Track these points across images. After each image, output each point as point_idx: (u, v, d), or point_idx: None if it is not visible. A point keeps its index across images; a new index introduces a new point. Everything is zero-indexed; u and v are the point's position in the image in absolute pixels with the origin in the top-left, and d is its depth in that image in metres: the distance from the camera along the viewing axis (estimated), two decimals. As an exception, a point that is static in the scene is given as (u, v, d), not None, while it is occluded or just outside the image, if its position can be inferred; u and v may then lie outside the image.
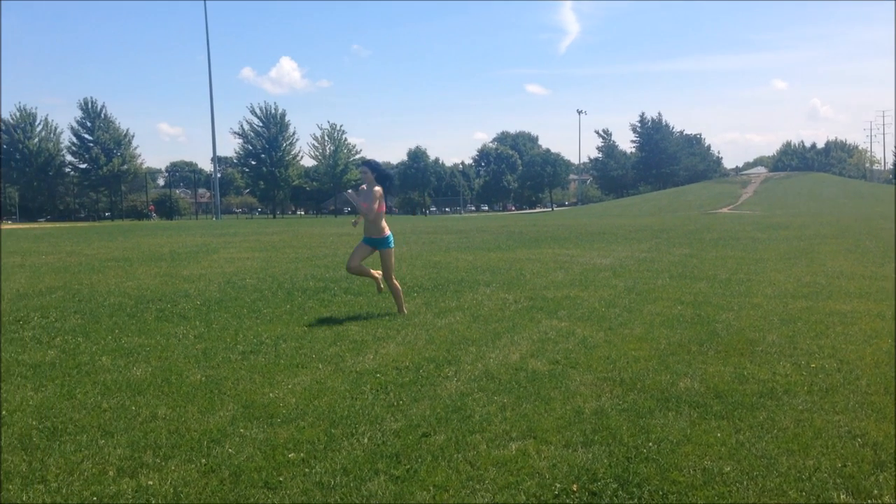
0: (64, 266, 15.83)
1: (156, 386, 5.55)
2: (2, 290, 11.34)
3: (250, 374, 5.91)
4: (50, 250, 21.34)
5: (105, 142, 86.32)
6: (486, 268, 14.05)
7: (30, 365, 6.28)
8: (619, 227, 31.89)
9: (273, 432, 4.49)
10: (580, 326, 7.77)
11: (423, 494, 3.61)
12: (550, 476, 3.81)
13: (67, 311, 9.15)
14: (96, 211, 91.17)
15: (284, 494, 3.61)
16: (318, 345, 6.98)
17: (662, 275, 12.44)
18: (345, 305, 9.40)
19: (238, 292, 10.78)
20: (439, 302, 9.59)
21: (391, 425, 4.60)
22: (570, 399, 5.13)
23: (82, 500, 3.54)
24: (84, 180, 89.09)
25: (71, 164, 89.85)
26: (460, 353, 6.58)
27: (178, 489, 3.66)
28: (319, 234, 30.10)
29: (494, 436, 4.40)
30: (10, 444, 4.31)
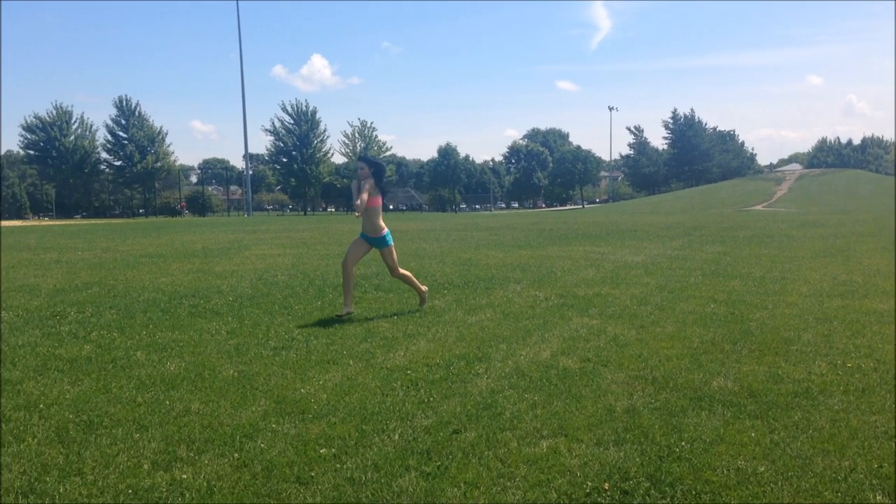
0: (99, 262, 16.06)
1: (189, 381, 5.61)
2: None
3: (282, 369, 5.95)
4: (86, 246, 21.67)
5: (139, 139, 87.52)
6: (517, 265, 14.02)
7: (67, 359, 6.37)
8: (650, 224, 31.65)
9: (305, 428, 4.52)
10: (611, 324, 7.72)
11: (454, 491, 3.61)
12: (581, 474, 3.79)
13: (103, 307, 9.27)
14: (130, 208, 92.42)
15: (316, 490, 3.62)
16: (349, 341, 7.01)
17: (695, 272, 12.33)
18: (375, 302, 9.42)
19: (269, 289, 10.86)
20: (469, 299, 9.59)
21: (422, 422, 4.61)
22: (601, 397, 5.11)
23: (118, 492, 3.59)
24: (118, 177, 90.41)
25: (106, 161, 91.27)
26: (491, 350, 6.57)
27: (212, 483, 3.70)
28: (350, 230, 30.22)
29: (525, 433, 4.38)
30: (47, 438, 4.38)
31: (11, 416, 4.78)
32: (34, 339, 7.25)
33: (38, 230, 37.78)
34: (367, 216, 8.35)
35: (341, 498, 3.55)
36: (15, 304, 9.52)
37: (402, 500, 3.52)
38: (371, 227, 8.44)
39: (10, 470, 3.87)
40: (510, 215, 64.09)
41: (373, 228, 8.44)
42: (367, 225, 8.46)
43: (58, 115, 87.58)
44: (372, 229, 8.45)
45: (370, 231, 8.47)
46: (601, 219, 41.74)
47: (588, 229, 27.72)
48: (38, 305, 9.44)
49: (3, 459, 4.01)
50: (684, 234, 24.07)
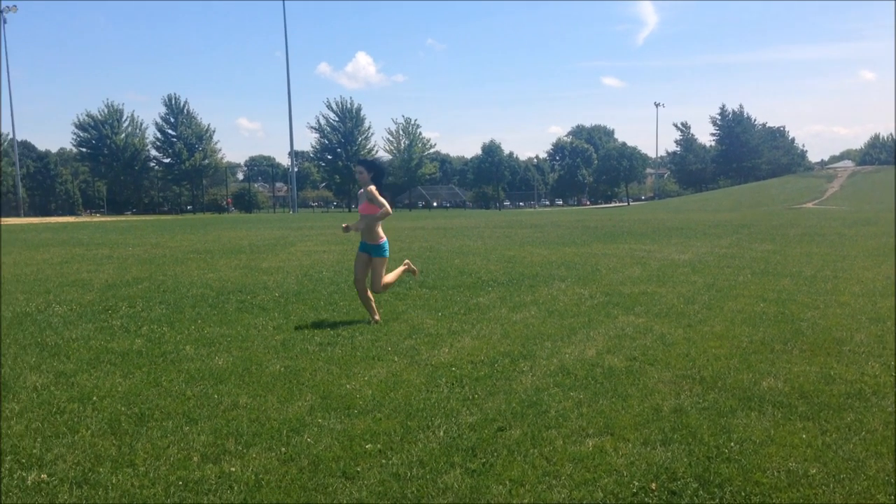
0: (149, 257, 16.35)
1: (237, 375, 5.69)
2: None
3: (327, 365, 6.00)
4: (136, 242, 22.09)
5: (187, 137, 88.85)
6: (561, 262, 13.94)
7: (118, 353, 6.50)
8: (697, 222, 31.25)
9: (350, 423, 4.55)
10: (658, 323, 7.64)
11: (499, 489, 3.60)
12: (628, 474, 3.76)
13: (153, 302, 9.44)
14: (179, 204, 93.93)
15: (362, 485, 3.65)
16: (394, 338, 7.04)
17: (744, 271, 12.14)
18: (419, 299, 9.45)
19: (315, 285, 10.95)
20: (514, 296, 9.56)
21: (467, 419, 4.61)
22: (647, 396, 5.05)
23: (168, 484, 3.65)
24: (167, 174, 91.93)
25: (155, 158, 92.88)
26: (535, 347, 6.55)
27: (259, 476, 3.74)
28: (394, 227, 30.35)
29: (571, 432, 4.36)
30: (100, 429, 4.47)
31: (66, 407, 4.90)
32: (87, 333, 7.41)
33: (90, 226, 38.61)
34: (370, 224, 7.91)
35: (387, 493, 3.56)
36: (69, 299, 9.74)
37: (447, 497, 3.53)
38: (370, 236, 7.98)
39: (65, 460, 3.96)
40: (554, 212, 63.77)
41: (372, 236, 7.97)
42: (366, 233, 8.00)
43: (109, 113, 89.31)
44: (372, 237, 7.98)
45: (369, 239, 8.00)
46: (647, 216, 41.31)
47: (633, 227, 27.45)
48: (90, 300, 9.65)
49: (58, 450, 4.11)
50: (732, 231, 23.70)
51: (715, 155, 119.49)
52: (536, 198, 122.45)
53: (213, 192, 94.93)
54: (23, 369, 5.93)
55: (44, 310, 8.87)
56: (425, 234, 24.99)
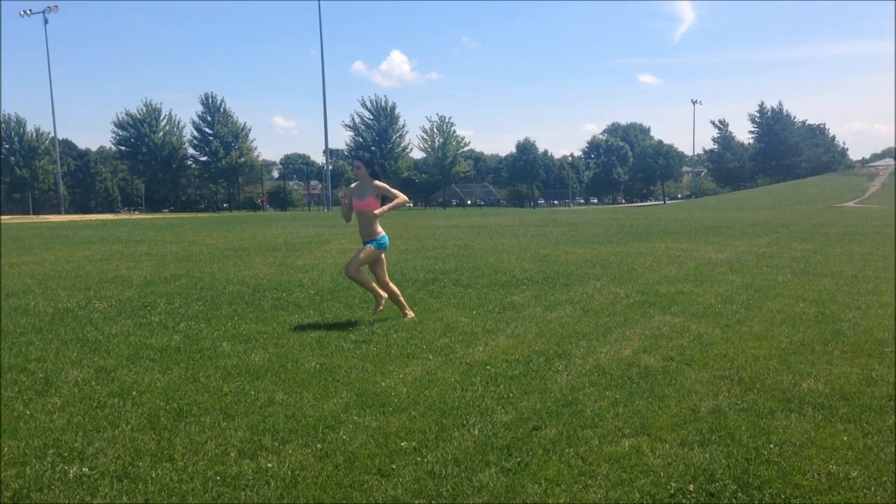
0: (186, 255, 16.55)
1: (273, 372, 5.73)
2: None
3: (362, 362, 6.02)
4: (173, 239, 22.37)
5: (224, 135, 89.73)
6: (596, 261, 13.86)
7: (157, 349, 6.59)
8: (735, 220, 30.85)
9: (385, 420, 4.56)
10: (695, 323, 7.56)
11: (535, 488, 3.59)
12: (665, 475, 3.72)
13: (190, 298, 9.55)
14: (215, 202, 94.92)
15: (397, 482, 3.66)
16: (429, 336, 7.05)
17: (783, 271, 11.97)
18: (454, 297, 9.45)
19: (350, 282, 10.97)
20: (549, 295, 9.52)
21: (502, 417, 4.60)
22: (685, 397, 5.00)
23: (206, 479, 3.69)
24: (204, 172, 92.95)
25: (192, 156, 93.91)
26: (570, 346, 6.52)
27: (296, 472, 3.77)
28: (428, 225, 30.39)
29: (606, 432, 4.33)
30: (140, 424, 4.53)
31: (106, 402, 4.97)
32: (127, 329, 7.52)
33: (129, 223, 39.18)
34: (366, 219, 7.79)
35: (422, 491, 3.57)
36: (108, 295, 9.89)
37: (482, 495, 3.52)
38: (368, 232, 7.85)
39: (106, 454, 4.02)
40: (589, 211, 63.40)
41: (370, 232, 7.85)
42: (365, 229, 7.87)
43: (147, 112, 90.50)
44: (369, 233, 7.85)
45: (366, 235, 7.87)
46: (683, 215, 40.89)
47: (670, 225, 27.19)
48: (129, 296, 9.79)
49: (99, 444, 4.17)
50: (771, 230, 23.38)
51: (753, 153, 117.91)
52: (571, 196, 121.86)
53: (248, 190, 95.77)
54: (64, 364, 6.03)
55: (84, 306, 9.02)
56: (459, 232, 24.99)
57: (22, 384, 5.44)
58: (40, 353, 6.47)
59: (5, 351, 6.56)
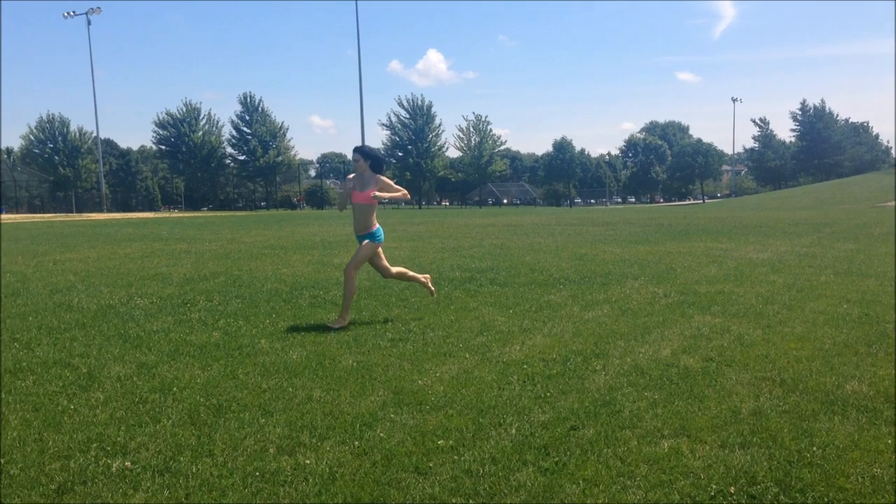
0: (225, 253, 16.74)
1: (311, 369, 5.76)
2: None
3: (399, 360, 6.04)
4: (212, 237, 22.64)
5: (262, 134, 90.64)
6: (634, 260, 13.74)
7: (197, 345, 6.67)
8: (776, 220, 30.42)
9: (422, 419, 4.57)
10: (735, 323, 7.45)
11: (573, 488, 3.56)
12: (706, 476, 3.68)
13: (229, 296, 9.65)
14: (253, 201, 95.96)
15: (434, 480, 3.65)
16: (465, 334, 7.04)
17: (826, 271, 11.76)
18: (490, 296, 9.43)
19: (386, 281, 11.01)
20: (586, 294, 9.46)
21: (539, 417, 4.58)
22: (725, 398, 4.94)
23: (246, 474, 3.73)
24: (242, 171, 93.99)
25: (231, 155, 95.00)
26: (608, 346, 6.47)
27: (333, 469, 3.78)
28: (465, 224, 30.40)
29: (645, 432, 4.29)
30: (181, 419, 4.59)
31: (148, 397, 5.04)
32: (167, 326, 7.61)
33: (169, 221, 39.74)
34: (363, 212, 7.67)
35: (459, 489, 3.56)
36: (149, 292, 10.04)
37: (519, 495, 3.51)
38: (363, 225, 7.74)
39: (147, 449, 4.08)
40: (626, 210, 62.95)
41: (365, 225, 7.73)
42: (360, 222, 7.74)
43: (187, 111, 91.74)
44: (364, 226, 7.74)
45: (361, 228, 7.77)
46: (723, 214, 40.40)
47: (709, 225, 26.88)
48: (170, 294, 9.92)
49: (141, 439, 4.23)
50: (814, 230, 23.00)
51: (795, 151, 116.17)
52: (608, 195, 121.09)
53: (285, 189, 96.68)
54: (107, 360, 6.13)
55: (126, 302, 9.16)
56: (496, 231, 24.96)
57: (66, 379, 5.54)
58: (84, 348, 6.59)
59: (50, 346, 6.68)
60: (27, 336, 7.13)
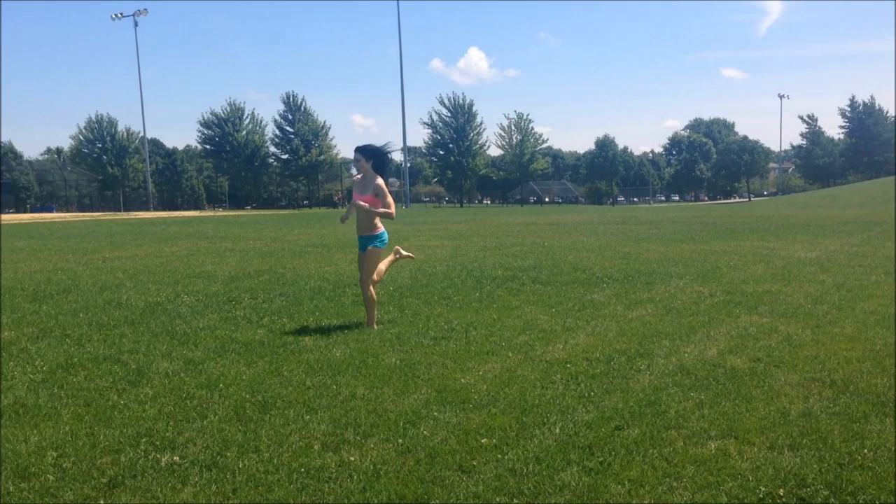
0: (269, 251, 16.91)
1: (354, 367, 5.80)
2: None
3: (442, 359, 6.04)
4: (256, 236, 22.89)
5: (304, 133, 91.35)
6: (679, 259, 13.58)
7: (242, 342, 6.75)
8: (825, 218, 29.83)
9: (465, 417, 4.57)
10: (783, 323, 7.33)
11: (618, 488, 3.53)
12: (754, 478, 3.62)
13: (273, 294, 9.75)
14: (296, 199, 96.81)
15: (478, 479, 3.65)
16: (508, 333, 7.02)
17: (877, 270, 11.50)
18: (533, 295, 9.39)
19: (428, 279, 11.05)
20: (629, 293, 9.37)
21: (583, 416, 4.55)
22: (773, 399, 4.86)
23: (291, 470, 3.76)
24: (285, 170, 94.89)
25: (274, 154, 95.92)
26: (653, 346, 6.40)
27: (378, 466, 3.80)
28: (506, 223, 30.33)
29: (692, 433, 4.24)
30: (227, 415, 4.65)
31: (195, 393, 5.12)
32: (213, 323, 7.72)
33: (214, 220, 40.27)
34: (366, 213, 7.42)
35: (503, 488, 3.55)
36: (195, 290, 10.18)
37: (564, 494, 3.49)
38: (367, 226, 7.49)
39: (195, 444, 4.14)
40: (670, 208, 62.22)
41: (368, 227, 7.48)
42: (363, 223, 7.49)
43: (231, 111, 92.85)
44: (367, 228, 7.49)
45: (364, 230, 7.49)
46: (770, 212, 39.76)
47: (755, 223, 26.47)
48: (215, 291, 10.05)
49: (189, 434, 4.30)
50: (864, 228, 22.50)
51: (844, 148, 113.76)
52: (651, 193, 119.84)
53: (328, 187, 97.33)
54: (155, 356, 6.24)
55: (173, 300, 9.31)
56: (537, 229, 24.86)
57: (116, 375, 5.65)
58: (133, 344, 6.71)
59: (100, 342, 6.82)
60: (78, 332, 7.28)
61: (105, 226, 34.36)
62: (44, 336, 7.16)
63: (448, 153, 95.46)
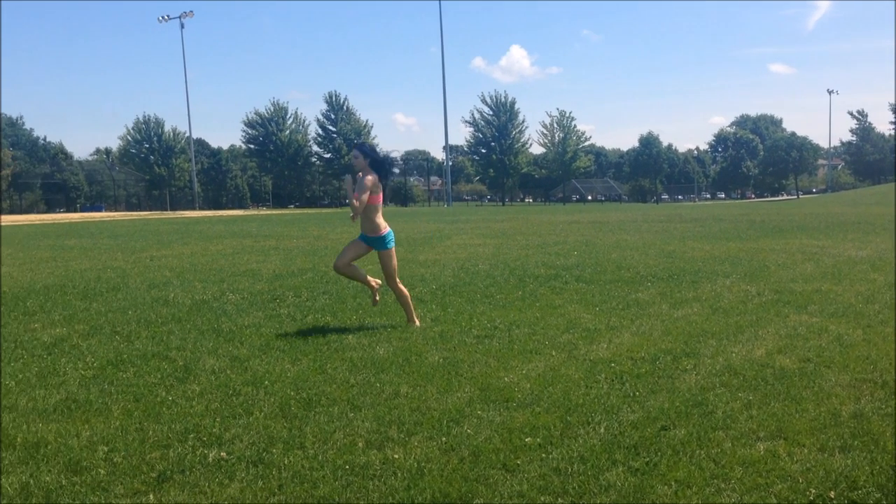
0: (312, 249, 17.05)
1: (397, 365, 5.82)
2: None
3: (485, 357, 6.03)
4: (299, 234, 23.11)
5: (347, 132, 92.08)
6: (725, 258, 13.39)
7: (286, 340, 6.81)
8: (876, 216, 29.19)
9: (509, 416, 4.55)
10: (833, 323, 7.18)
11: (665, 489, 3.49)
12: (804, 480, 3.55)
13: (316, 292, 9.83)
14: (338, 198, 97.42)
15: (523, 478, 3.63)
16: (551, 332, 6.99)
17: (930, 269, 11.21)
18: (576, 293, 9.33)
19: (471, 278, 11.04)
20: (674, 292, 9.26)
21: (628, 416, 4.50)
22: (824, 400, 4.76)
23: (336, 467, 3.78)
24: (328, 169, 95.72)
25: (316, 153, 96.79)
26: (699, 345, 6.32)
27: (422, 464, 3.81)
28: (549, 221, 30.18)
29: (740, 434, 4.17)
30: (272, 412, 4.69)
31: (241, 390, 5.18)
32: (258, 321, 7.80)
33: (258, 219, 40.74)
34: (365, 214, 7.34)
35: (548, 487, 3.53)
36: (241, 288, 10.31)
37: (609, 495, 3.46)
38: (370, 227, 7.41)
39: (241, 440, 4.19)
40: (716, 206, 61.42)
41: (371, 228, 7.41)
42: (365, 224, 7.45)
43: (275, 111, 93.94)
44: (371, 229, 7.41)
45: (369, 231, 7.44)
46: (819, 210, 39.01)
47: (804, 221, 25.99)
48: (260, 289, 10.16)
49: (235, 430, 4.35)
50: (915, 226, 21.96)
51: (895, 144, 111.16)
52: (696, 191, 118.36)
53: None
54: (201, 353, 6.32)
55: (219, 298, 9.43)
56: (580, 228, 24.71)
57: (164, 371, 5.74)
58: (180, 341, 6.81)
59: (148, 339, 6.94)
60: (127, 329, 7.42)
61: (152, 225, 34.98)
62: (94, 333, 7.31)
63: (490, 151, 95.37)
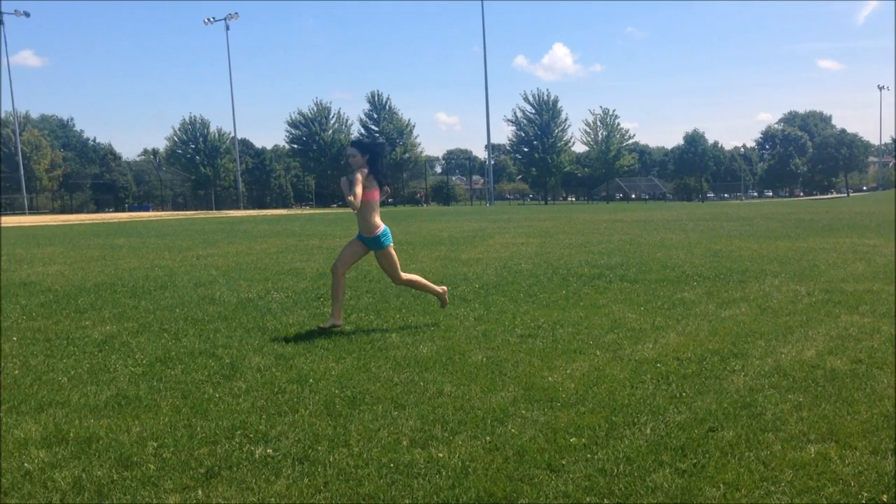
0: (356, 248, 17.12)
1: (441, 364, 5.82)
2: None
3: (529, 357, 6.01)
4: (342, 234, 23.25)
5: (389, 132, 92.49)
6: (773, 257, 13.16)
7: (331, 338, 6.85)
8: (928, 214, 28.44)
9: (553, 416, 4.52)
10: (886, 324, 7.01)
11: (713, 491, 3.44)
12: (856, 483, 3.47)
13: (360, 291, 9.88)
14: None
15: (568, 478, 3.61)
16: (595, 331, 6.93)
17: None
18: (621, 293, 9.25)
19: (514, 277, 11.01)
20: (721, 292, 9.13)
21: (674, 417, 4.45)
22: (876, 402, 4.65)
23: (380, 465, 3.80)
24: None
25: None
26: (747, 346, 6.22)
27: (466, 463, 3.80)
28: (592, 220, 29.98)
29: (790, 436, 4.09)
30: (317, 410, 4.73)
31: (286, 388, 5.22)
32: (302, 319, 7.87)
33: (301, 218, 41.13)
34: (360, 212, 7.16)
35: (593, 488, 3.50)
36: (285, 286, 10.41)
37: (656, 496, 3.42)
38: (365, 226, 7.25)
39: (287, 437, 4.22)
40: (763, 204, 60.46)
41: (367, 227, 7.24)
42: (360, 223, 7.28)
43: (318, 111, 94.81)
44: (366, 228, 7.25)
45: (364, 229, 7.27)
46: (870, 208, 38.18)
47: (855, 219, 25.45)
48: (304, 288, 10.25)
49: (281, 428, 4.39)
50: (971, 224, 21.37)
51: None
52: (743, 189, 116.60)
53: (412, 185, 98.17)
54: (247, 351, 6.40)
55: (264, 296, 9.53)
56: (624, 226, 24.49)
57: (211, 368, 5.82)
58: (226, 339, 6.90)
59: (195, 337, 7.03)
60: (175, 327, 7.53)
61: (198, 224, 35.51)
62: (143, 330, 7.43)
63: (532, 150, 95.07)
